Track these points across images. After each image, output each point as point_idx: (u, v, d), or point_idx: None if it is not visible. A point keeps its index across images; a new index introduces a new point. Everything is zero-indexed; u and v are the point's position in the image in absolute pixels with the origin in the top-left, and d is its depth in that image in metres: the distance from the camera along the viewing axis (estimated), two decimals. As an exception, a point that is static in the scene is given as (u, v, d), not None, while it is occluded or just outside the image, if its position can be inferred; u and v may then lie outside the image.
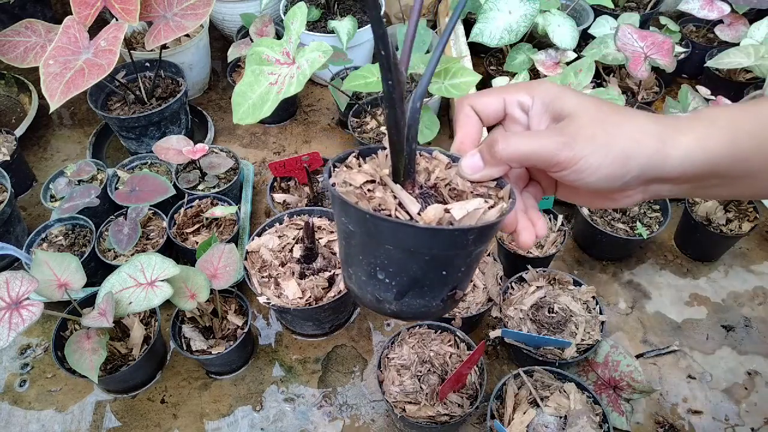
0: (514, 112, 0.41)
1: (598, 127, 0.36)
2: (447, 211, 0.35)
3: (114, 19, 1.10)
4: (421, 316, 0.41)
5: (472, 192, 0.39)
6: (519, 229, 0.40)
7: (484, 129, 0.42)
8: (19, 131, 1.27)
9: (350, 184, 0.38)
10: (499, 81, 1.27)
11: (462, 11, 0.37)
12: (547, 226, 0.39)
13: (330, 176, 0.39)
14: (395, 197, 0.37)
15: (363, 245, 0.37)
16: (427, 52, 1.26)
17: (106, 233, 1.06)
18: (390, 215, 0.36)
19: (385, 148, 0.41)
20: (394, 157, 0.37)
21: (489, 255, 1.01)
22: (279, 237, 0.99)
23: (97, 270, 1.03)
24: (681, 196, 0.36)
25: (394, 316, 0.41)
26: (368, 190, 0.38)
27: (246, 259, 0.96)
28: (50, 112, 1.00)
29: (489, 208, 0.36)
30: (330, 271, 0.94)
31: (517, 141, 0.37)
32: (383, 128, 1.23)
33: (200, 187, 1.15)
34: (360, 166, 0.41)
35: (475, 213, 0.35)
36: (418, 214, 0.36)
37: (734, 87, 1.35)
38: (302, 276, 0.93)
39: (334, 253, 0.97)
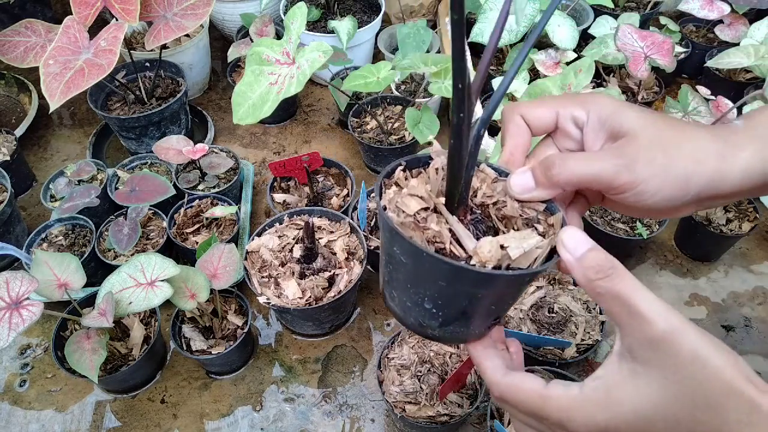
0: (567, 126, 0.40)
1: (657, 148, 0.35)
2: (503, 247, 0.34)
3: (114, 19, 1.10)
4: (460, 341, 0.41)
5: (521, 216, 0.37)
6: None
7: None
8: (19, 131, 1.27)
9: (403, 211, 0.36)
10: (499, 81, 1.27)
11: (541, 29, 0.36)
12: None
13: (381, 197, 0.37)
14: (450, 229, 0.36)
15: (414, 276, 0.36)
16: (428, 51, 1.26)
17: (106, 233, 1.06)
18: (444, 248, 0.35)
19: (431, 160, 0.39)
20: (450, 184, 0.36)
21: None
22: (279, 237, 0.99)
23: (97, 270, 1.03)
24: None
25: (433, 339, 0.41)
26: (422, 218, 0.36)
27: (246, 259, 0.96)
28: (50, 112, 1.00)
29: (541, 237, 0.35)
30: (330, 271, 0.94)
31: (575, 165, 0.36)
32: (383, 128, 1.23)
33: (200, 187, 1.15)
34: (406, 179, 0.39)
35: (531, 252, 0.34)
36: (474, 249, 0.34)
37: (734, 87, 1.35)
38: (302, 276, 0.93)
39: (334, 253, 0.97)
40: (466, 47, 0.29)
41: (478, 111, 1.15)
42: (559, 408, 0.34)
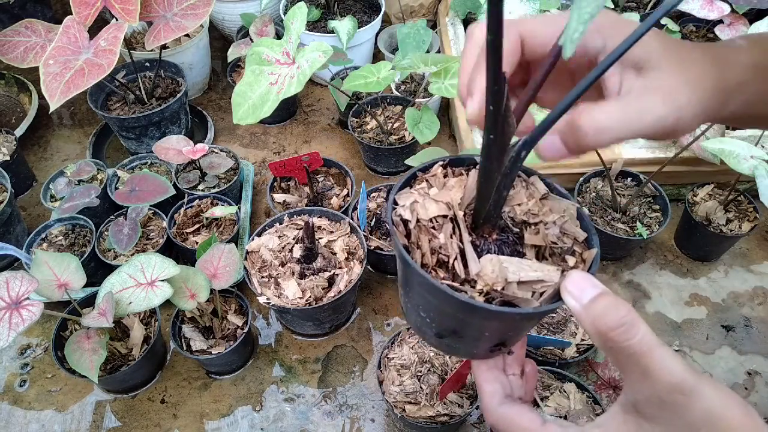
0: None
1: (685, 78, 0.31)
2: (506, 279, 0.32)
3: (114, 19, 1.10)
4: (459, 356, 0.40)
5: (553, 245, 0.35)
6: None
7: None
8: (19, 131, 1.27)
9: (416, 214, 0.35)
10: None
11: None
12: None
13: (398, 190, 0.36)
14: (460, 244, 0.34)
15: (406, 281, 0.36)
16: (428, 51, 1.26)
17: (106, 233, 1.06)
18: (447, 262, 0.33)
19: (477, 165, 0.37)
20: (478, 201, 0.34)
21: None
22: (279, 237, 0.99)
23: (97, 270, 1.03)
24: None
25: (432, 347, 0.40)
26: (438, 225, 0.35)
27: (246, 259, 0.96)
28: (50, 112, 1.00)
29: (560, 272, 0.33)
30: (330, 271, 0.93)
31: (610, 122, 0.30)
32: (383, 128, 1.23)
33: (200, 187, 1.15)
34: (445, 176, 0.37)
35: (531, 284, 0.32)
36: (476, 274, 0.33)
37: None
38: (302, 276, 0.93)
39: (334, 253, 0.97)
40: (504, 72, 0.28)
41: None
42: None
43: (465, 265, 0.33)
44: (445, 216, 0.35)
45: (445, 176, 0.37)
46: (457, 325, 0.35)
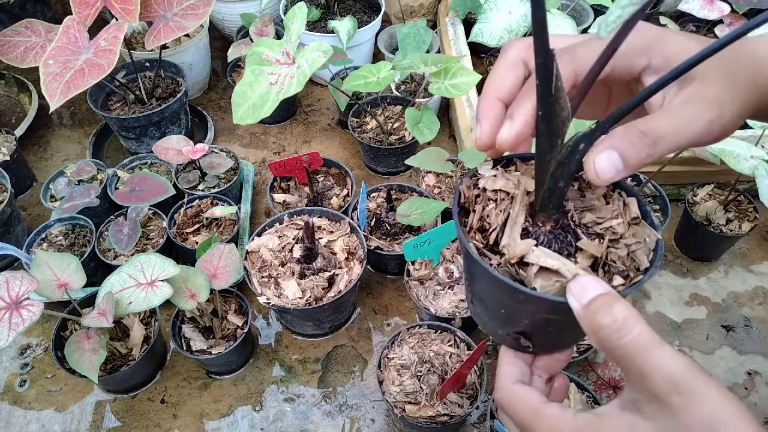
0: (618, 75, 0.34)
1: (726, 81, 0.32)
2: (524, 262, 0.33)
3: (114, 19, 1.10)
4: (484, 330, 0.41)
5: (613, 262, 0.34)
6: None
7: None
8: (19, 131, 1.27)
9: (477, 183, 0.37)
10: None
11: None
12: None
13: (476, 174, 0.38)
14: (506, 219, 0.35)
15: (460, 244, 0.38)
16: (428, 51, 1.26)
17: (106, 233, 1.06)
18: (488, 230, 0.35)
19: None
20: (536, 187, 0.34)
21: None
22: (279, 237, 0.99)
23: (97, 270, 1.03)
24: None
25: (471, 314, 0.42)
26: (499, 198, 0.36)
27: (246, 259, 0.96)
28: (50, 112, 1.00)
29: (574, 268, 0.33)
30: (330, 271, 0.93)
31: (666, 131, 0.30)
32: (383, 128, 1.23)
33: (200, 187, 1.15)
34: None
35: (551, 273, 0.32)
36: (503, 247, 0.34)
37: None
38: (302, 276, 0.93)
39: (334, 253, 0.97)
40: (561, 91, 0.28)
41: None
42: (550, 426, 0.33)
43: (501, 238, 0.35)
44: (507, 193, 0.36)
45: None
46: (485, 295, 0.36)
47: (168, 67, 1.32)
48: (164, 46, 1.26)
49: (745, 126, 1.01)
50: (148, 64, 1.31)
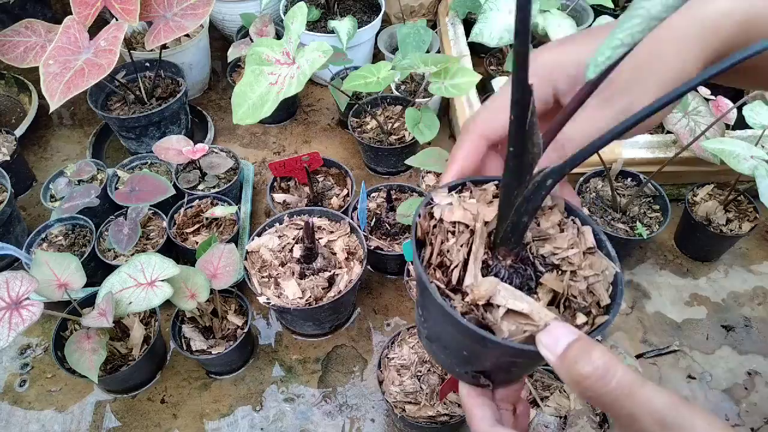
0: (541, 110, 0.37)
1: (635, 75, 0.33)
2: (489, 303, 0.31)
3: (114, 19, 1.10)
4: (443, 367, 0.40)
5: (573, 297, 0.33)
6: None
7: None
8: (19, 131, 1.27)
9: (432, 212, 0.35)
10: (499, 81, 1.27)
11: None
12: None
13: (430, 203, 0.36)
14: (468, 255, 0.33)
15: (417, 280, 0.36)
16: (428, 51, 1.26)
17: (106, 233, 1.06)
18: (448, 267, 0.33)
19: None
20: (498, 220, 0.33)
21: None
22: (279, 237, 0.99)
23: (97, 270, 1.03)
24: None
25: (425, 348, 0.41)
26: (456, 231, 0.34)
27: (246, 259, 0.96)
28: (50, 112, 1.00)
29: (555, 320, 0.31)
30: (330, 271, 0.93)
31: (577, 135, 0.33)
32: (383, 128, 1.23)
33: (200, 187, 1.15)
34: (495, 197, 0.36)
35: (517, 317, 0.31)
36: (467, 287, 0.32)
37: (734, 87, 1.35)
38: (302, 276, 0.93)
39: (334, 253, 0.97)
40: (533, 100, 0.27)
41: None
42: None
43: (463, 276, 0.33)
44: (466, 225, 0.34)
45: (495, 196, 0.36)
46: (445, 336, 0.34)
47: (168, 67, 1.32)
48: (164, 46, 1.26)
49: (745, 126, 1.01)
50: (148, 64, 1.31)
